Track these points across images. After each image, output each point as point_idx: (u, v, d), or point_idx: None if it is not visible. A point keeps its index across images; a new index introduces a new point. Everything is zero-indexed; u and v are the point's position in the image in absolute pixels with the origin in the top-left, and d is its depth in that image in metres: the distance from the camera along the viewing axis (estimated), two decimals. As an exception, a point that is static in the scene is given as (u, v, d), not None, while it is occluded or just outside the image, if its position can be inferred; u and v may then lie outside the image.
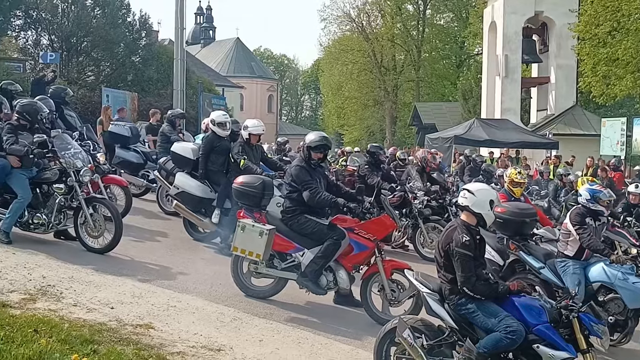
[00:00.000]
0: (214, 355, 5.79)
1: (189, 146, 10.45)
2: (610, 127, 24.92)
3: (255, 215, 7.55)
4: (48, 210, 8.52)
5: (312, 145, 7.50)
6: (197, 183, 9.87)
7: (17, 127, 8.65)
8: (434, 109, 42.27)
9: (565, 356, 4.82)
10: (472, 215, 5.33)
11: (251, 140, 9.81)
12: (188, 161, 10.11)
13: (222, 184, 9.66)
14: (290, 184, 7.56)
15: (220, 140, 10.02)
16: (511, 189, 9.35)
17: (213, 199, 9.78)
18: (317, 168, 7.67)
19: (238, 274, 7.72)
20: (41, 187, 8.59)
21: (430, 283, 5.51)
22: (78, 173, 8.49)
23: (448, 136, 25.67)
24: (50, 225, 8.54)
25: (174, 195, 10.02)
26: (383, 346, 5.56)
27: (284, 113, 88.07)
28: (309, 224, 7.38)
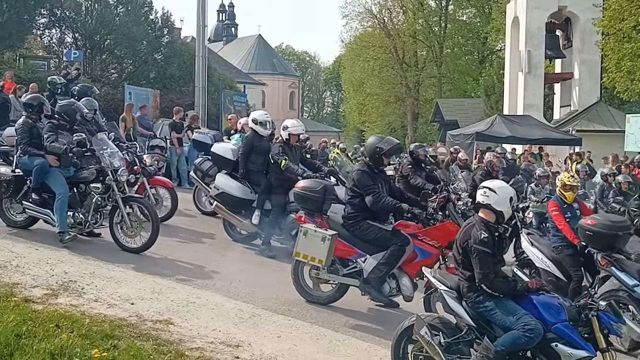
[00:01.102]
0: (232, 351, 5.82)
1: (229, 147, 10.43)
2: (635, 123, 24.55)
3: (316, 220, 7.46)
4: (85, 209, 8.58)
5: (385, 150, 7.36)
6: (237, 184, 9.83)
7: (58, 127, 8.74)
8: (456, 105, 42.01)
9: (584, 355, 4.78)
10: (492, 213, 5.32)
11: (291, 140, 9.70)
12: (228, 162, 10.07)
13: (263, 185, 9.60)
14: (352, 188, 7.44)
15: (260, 140, 9.93)
16: (562, 194, 8.65)
17: (253, 200, 9.71)
18: (380, 173, 7.56)
19: (299, 279, 7.62)
20: (78, 186, 8.66)
21: (448, 280, 5.50)
22: (115, 172, 8.55)
23: (470, 133, 25.49)
24: (87, 224, 8.61)
25: (214, 196, 9.99)
26: (400, 343, 5.56)
27: (305, 110, 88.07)
28: (371, 229, 7.27)
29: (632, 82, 24.75)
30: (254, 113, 10.67)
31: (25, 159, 8.58)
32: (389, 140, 7.57)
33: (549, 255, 8.00)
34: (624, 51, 24.38)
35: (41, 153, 8.50)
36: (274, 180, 9.55)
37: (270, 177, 9.60)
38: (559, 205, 8.43)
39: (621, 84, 25.35)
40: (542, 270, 8.24)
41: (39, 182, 8.51)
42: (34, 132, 8.64)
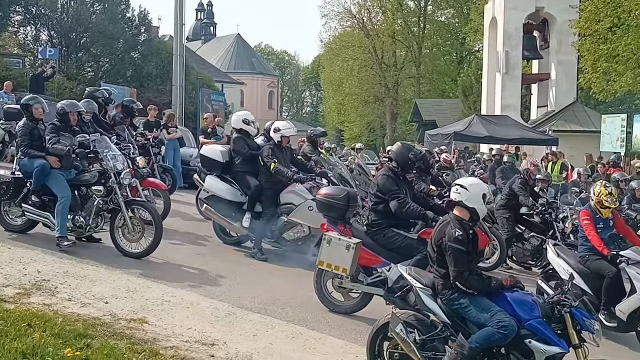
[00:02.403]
0: (207, 349, 5.79)
1: (218, 148, 10.28)
2: (610, 124, 24.86)
3: (339, 227, 7.31)
4: (86, 212, 8.43)
5: (417, 158, 7.44)
6: (227, 186, 9.72)
7: (60, 128, 8.61)
8: (434, 105, 42.25)
9: (557, 351, 4.81)
10: (465, 210, 5.34)
11: (282, 142, 9.58)
12: (217, 164, 9.90)
13: (253, 187, 9.48)
14: (376, 194, 7.30)
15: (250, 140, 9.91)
16: (598, 209, 8.09)
17: (243, 203, 9.59)
18: (404, 179, 7.48)
19: (322, 288, 7.46)
20: (80, 189, 8.52)
21: (423, 278, 5.51)
22: (118, 175, 8.41)
23: (448, 132, 25.65)
24: (87, 228, 8.46)
25: (204, 199, 9.88)
26: (376, 341, 5.55)
27: (284, 109, 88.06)
28: (396, 237, 7.15)
29: (607, 82, 25.04)
30: (242, 114, 10.41)
31: (25, 160, 8.43)
32: (418, 150, 7.70)
33: (576, 267, 7.70)
34: (600, 52, 24.66)
35: (42, 154, 8.35)
36: (264, 183, 9.43)
37: (260, 179, 9.50)
38: (591, 215, 8.01)
39: (597, 85, 25.63)
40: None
41: (39, 184, 8.35)
42: (34, 134, 8.49)
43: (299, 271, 8.95)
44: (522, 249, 10.81)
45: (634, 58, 23.53)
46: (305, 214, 9.17)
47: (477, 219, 5.43)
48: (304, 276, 8.74)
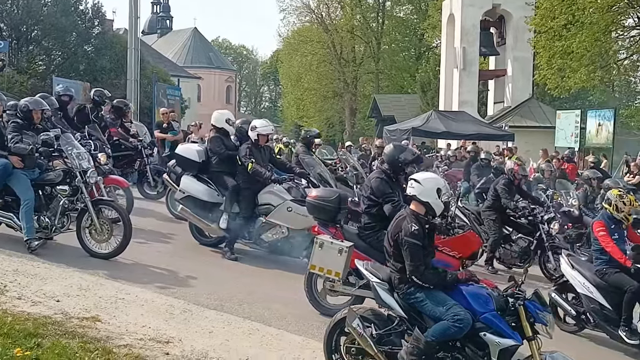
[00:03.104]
0: (162, 347, 5.71)
1: (194, 148, 10.03)
2: (565, 119, 25.36)
3: (330, 230, 7.16)
4: (51, 213, 8.17)
5: (407, 161, 7.17)
6: (203, 186, 9.48)
7: (22, 126, 8.34)
8: (393, 101, 42.51)
9: (511, 343, 4.86)
10: (421, 205, 5.35)
11: (260, 141, 9.34)
12: (194, 164, 9.64)
13: (230, 187, 9.24)
14: (369, 197, 7.17)
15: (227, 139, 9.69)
16: (626, 217, 7.61)
17: (220, 203, 9.36)
18: (397, 181, 7.34)
19: (312, 292, 7.32)
20: (44, 188, 8.24)
21: (380, 272, 5.51)
22: (84, 174, 8.16)
23: (406, 128, 25.78)
24: (53, 229, 8.20)
25: (179, 199, 9.62)
26: (333, 336, 5.54)
27: (242, 104, 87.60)
28: None
29: (562, 79, 25.52)
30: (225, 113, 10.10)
31: None
32: (410, 150, 7.44)
33: (592, 280, 7.34)
34: (555, 49, 25.11)
35: (4, 154, 8.04)
36: (241, 183, 9.20)
37: (238, 179, 9.25)
38: (606, 225, 7.53)
39: (552, 81, 26.11)
40: (585, 297, 7.50)
41: (0, 184, 8.06)
42: None
43: (268, 271, 8.92)
44: (509, 250, 10.68)
45: (587, 55, 24.03)
46: (283, 215, 8.98)
47: (434, 213, 5.44)
48: (270, 275, 8.77)
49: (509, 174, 10.91)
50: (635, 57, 27.35)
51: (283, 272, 8.93)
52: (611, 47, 25.09)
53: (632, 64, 29.21)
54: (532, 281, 10.32)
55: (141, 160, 12.56)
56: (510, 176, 10.84)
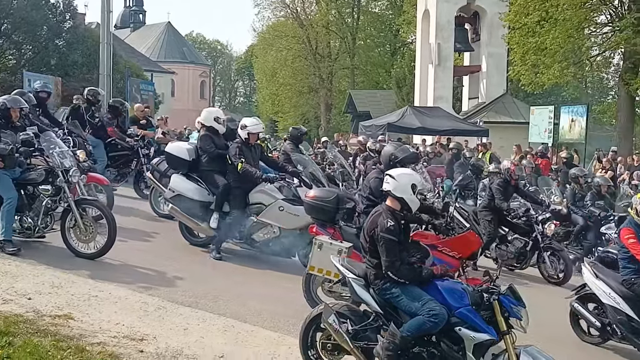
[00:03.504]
0: (136, 345, 5.65)
1: (184, 146, 9.81)
2: (538, 115, 25.59)
3: (329, 230, 7.07)
4: (34, 213, 8.00)
5: (400, 158, 7.06)
6: (193, 185, 9.30)
7: (0, 126, 8.14)
8: (368, 97, 42.56)
9: (486, 338, 4.88)
10: (396, 200, 5.35)
11: (250, 139, 9.18)
12: (184, 162, 9.45)
13: (221, 186, 9.06)
14: (368, 197, 7.07)
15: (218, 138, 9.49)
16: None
17: (211, 202, 9.18)
18: None
19: (311, 293, 7.17)
20: (26, 188, 8.05)
21: (356, 268, 5.51)
22: (67, 173, 7.99)
23: (381, 124, 25.85)
24: (36, 229, 8.03)
25: (169, 198, 9.43)
26: (309, 332, 5.54)
27: (217, 99, 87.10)
28: None
29: (536, 75, 25.75)
30: (214, 111, 9.98)
31: None
32: (404, 149, 7.30)
33: (619, 291, 6.98)
34: (529, 45, 25.32)
35: None
36: (232, 182, 9.04)
37: (228, 178, 9.09)
38: (635, 232, 7.08)
39: (526, 77, 26.33)
40: (610, 308, 7.16)
41: None
42: None
43: (247, 269, 8.88)
44: (505, 251, 10.62)
45: (561, 51, 24.27)
46: (275, 215, 8.84)
47: (409, 209, 5.43)
48: (249, 273, 8.72)
49: (505, 174, 10.81)
50: (607, 53, 27.73)
51: (264, 270, 8.88)
52: (584, 44, 25.35)
53: (604, 60, 29.62)
54: (533, 283, 10.36)
55: (138, 160, 12.43)
56: (506, 176, 10.75)
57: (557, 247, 10.41)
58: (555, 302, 8.73)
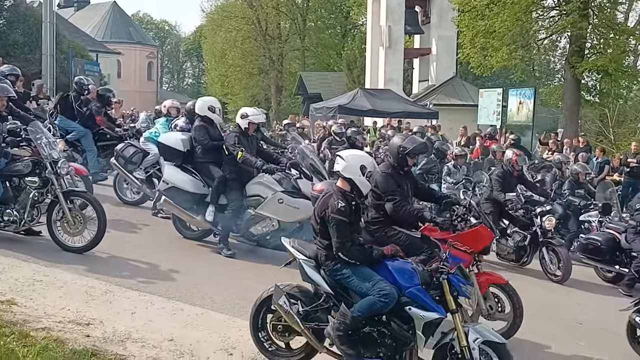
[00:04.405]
0: (82, 329, 5.56)
1: (179, 137, 9.42)
2: (487, 98, 25.89)
3: None
4: (20, 205, 7.70)
5: (409, 149, 6.73)
6: (188, 177, 9.01)
7: None
8: (319, 79, 42.47)
9: (435, 316, 4.92)
10: (346, 182, 5.33)
11: (249, 129, 8.90)
12: (178, 153, 9.13)
13: (216, 178, 8.79)
14: (374, 191, 6.74)
15: (212, 128, 9.22)
16: None
17: (206, 195, 8.91)
18: (405, 174, 6.93)
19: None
20: (11, 180, 7.74)
21: (307, 250, 5.48)
22: (55, 164, 7.68)
23: (332, 106, 25.87)
24: (22, 222, 7.73)
25: (163, 190, 9.09)
26: (259, 314, 5.50)
27: (165, 81, 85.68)
28: (399, 236, 6.58)
29: (485, 58, 26.04)
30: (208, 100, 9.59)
31: None
32: (413, 139, 7.02)
33: None
34: (478, 28, 25.55)
35: None
36: (228, 173, 8.78)
37: (224, 169, 8.83)
38: None
39: (475, 60, 26.60)
40: None
41: None
42: None
43: (198, 253, 8.80)
44: (505, 245, 10.30)
45: (509, 34, 24.58)
46: (274, 207, 8.56)
47: (359, 191, 5.40)
48: (202, 257, 8.64)
49: (506, 165, 10.31)
50: (554, 37, 28.21)
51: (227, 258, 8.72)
52: (532, 27, 25.73)
53: (551, 43, 30.14)
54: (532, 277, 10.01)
55: None
56: (507, 167, 10.27)
57: (556, 243, 9.95)
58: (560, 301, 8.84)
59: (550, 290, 9.53)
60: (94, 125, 11.92)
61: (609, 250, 9.95)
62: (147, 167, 10.84)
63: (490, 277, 6.75)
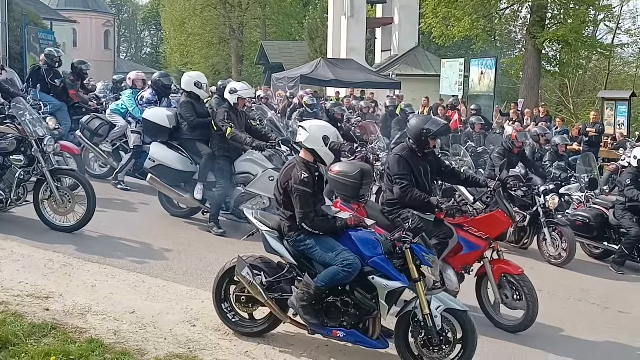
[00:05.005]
0: (41, 303, 5.45)
1: (164, 113, 9.10)
2: (449, 68, 26.02)
3: (353, 206, 6.56)
4: (5, 185, 7.43)
5: (433, 131, 6.49)
6: (175, 154, 8.75)
7: None
8: (281, 48, 42.09)
9: (398, 285, 4.95)
10: (309, 152, 5.29)
11: (239, 105, 8.67)
12: (164, 130, 8.87)
13: (205, 155, 8.57)
14: (388, 173, 6.66)
15: (199, 104, 8.98)
16: None
17: (194, 172, 8.69)
18: (424, 156, 6.67)
19: None
20: None
21: (270, 221, 5.45)
22: (41, 142, 7.41)
23: (294, 76, 25.71)
24: (8, 202, 7.45)
25: (149, 168, 8.79)
26: (222, 285, 5.47)
27: (122, 50, 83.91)
28: (412, 219, 6.34)
29: (447, 28, 26.10)
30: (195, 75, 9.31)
31: None
32: (436, 121, 6.81)
33: None
34: (440, -2, 25.57)
35: None
36: (217, 150, 8.57)
37: (212, 146, 8.62)
38: None
39: (437, 30, 26.68)
40: None
41: None
42: None
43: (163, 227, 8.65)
44: None
45: (471, 4, 24.68)
46: (265, 185, 8.37)
47: (323, 162, 5.37)
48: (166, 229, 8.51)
49: (507, 142, 9.85)
50: (516, 7, 28.39)
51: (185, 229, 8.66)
52: (494, -3, 25.86)
53: (512, 13, 30.34)
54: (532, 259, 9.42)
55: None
56: (508, 144, 9.79)
57: (560, 222, 9.40)
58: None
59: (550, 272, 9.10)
60: (68, 99, 11.64)
61: (597, 226, 9.69)
62: (114, 139, 10.64)
63: (502, 267, 6.50)
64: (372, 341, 5.11)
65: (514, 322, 6.44)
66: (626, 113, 20.43)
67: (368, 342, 5.11)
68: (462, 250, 6.44)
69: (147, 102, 10.24)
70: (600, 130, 16.55)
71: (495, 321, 6.54)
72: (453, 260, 6.47)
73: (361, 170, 6.57)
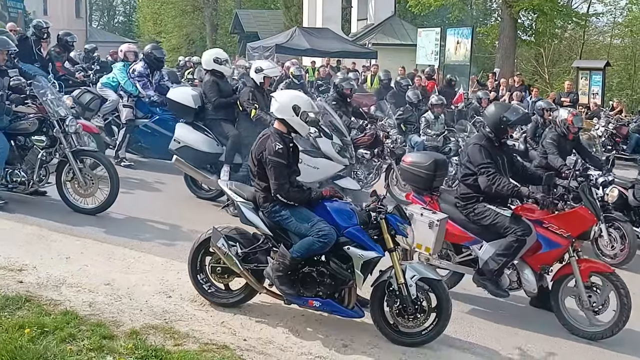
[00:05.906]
0: (14, 275, 5.43)
1: (189, 92, 8.93)
2: (425, 37, 25.94)
3: (425, 199, 6.36)
4: (27, 166, 7.30)
5: (512, 120, 6.16)
6: (202, 136, 8.58)
7: None
8: (256, 17, 41.54)
9: (374, 255, 4.98)
10: (282, 123, 5.26)
11: (265, 84, 8.54)
12: (189, 110, 8.66)
13: (231, 136, 8.40)
14: (465, 165, 6.32)
15: (223, 82, 8.76)
16: None
17: (220, 154, 8.54)
18: (501, 146, 6.36)
19: None
20: (16, 139, 7.29)
21: (245, 192, 5.43)
22: (63, 123, 7.23)
23: (269, 45, 25.49)
24: (30, 183, 7.32)
25: (175, 149, 8.61)
26: (197, 256, 5.46)
27: (94, 18, 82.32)
28: (487, 213, 6.08)
29: (423, -4, 25.99)
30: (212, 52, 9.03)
31: None
32: (516, 109, 6.45)
33: None
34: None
35: None
36: (243, 131, 8.35)
37: (238, 127, 8.45)
38: None
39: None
40: None
41: None
42: None
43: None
44: None
45: (447, -28, 24.54)
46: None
47: (296, 132, 5.33)
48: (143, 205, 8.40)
49: (561, 127, 8.76)
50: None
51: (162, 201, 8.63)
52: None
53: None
54: None
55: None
56: (562, 129, 8.73)
57: (619, 218, 8.38)
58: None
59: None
60: (55, 71, 11.36)
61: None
62: (106, 114, 10.50)
63: (592, 265, 6.03)
64: (348, 310, 5.14)
65: (600, 328, 5.88)
66: (600, 82, 20.64)
67: (344, 311, 5.14)
68: (540, 248, 6.03)
69: (138, 75, 10.11)
70: (575, 100, 16.70)
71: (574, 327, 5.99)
72: (531, 259, 6.07)
73: (435, 160, 6.44)
